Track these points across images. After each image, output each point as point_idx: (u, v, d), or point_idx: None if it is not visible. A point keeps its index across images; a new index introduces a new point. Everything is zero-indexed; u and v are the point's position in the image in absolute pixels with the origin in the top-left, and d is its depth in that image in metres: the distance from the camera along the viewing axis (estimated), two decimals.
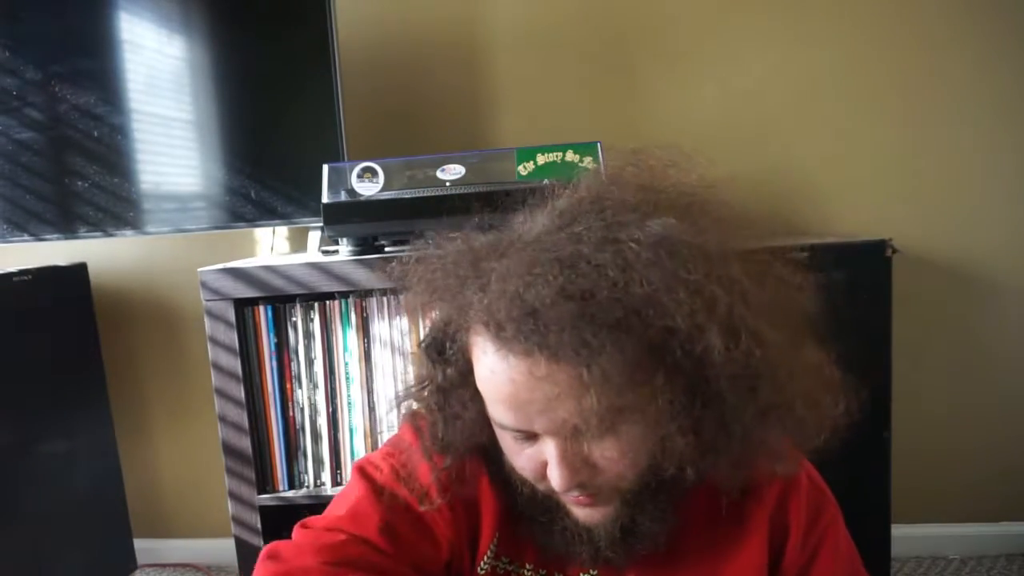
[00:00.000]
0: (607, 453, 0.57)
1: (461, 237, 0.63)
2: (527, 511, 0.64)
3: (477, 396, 0.60)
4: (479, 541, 0.69)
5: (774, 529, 0.66)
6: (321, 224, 1.30)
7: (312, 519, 0.68)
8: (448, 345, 0.61)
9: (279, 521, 1.30)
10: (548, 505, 0.63)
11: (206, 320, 1.24)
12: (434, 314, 0.64)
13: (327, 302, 1.26)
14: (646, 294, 0.52)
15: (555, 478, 0.57)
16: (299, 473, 1.30)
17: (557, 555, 0.67)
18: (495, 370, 0.55)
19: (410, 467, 0.68)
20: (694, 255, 0.54)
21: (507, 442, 0.60)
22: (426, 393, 0.65)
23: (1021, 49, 1.54)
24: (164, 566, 1.87)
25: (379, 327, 1.25)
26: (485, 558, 0.68)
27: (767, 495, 0.66)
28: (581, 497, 0.60)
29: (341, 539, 0.63)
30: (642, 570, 0.66)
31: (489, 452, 0.65)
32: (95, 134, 1.51)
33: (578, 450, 0.57)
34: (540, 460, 0.58)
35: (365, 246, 1.27)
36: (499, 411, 0.57)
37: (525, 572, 0.69)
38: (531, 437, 0.58)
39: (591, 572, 0.67)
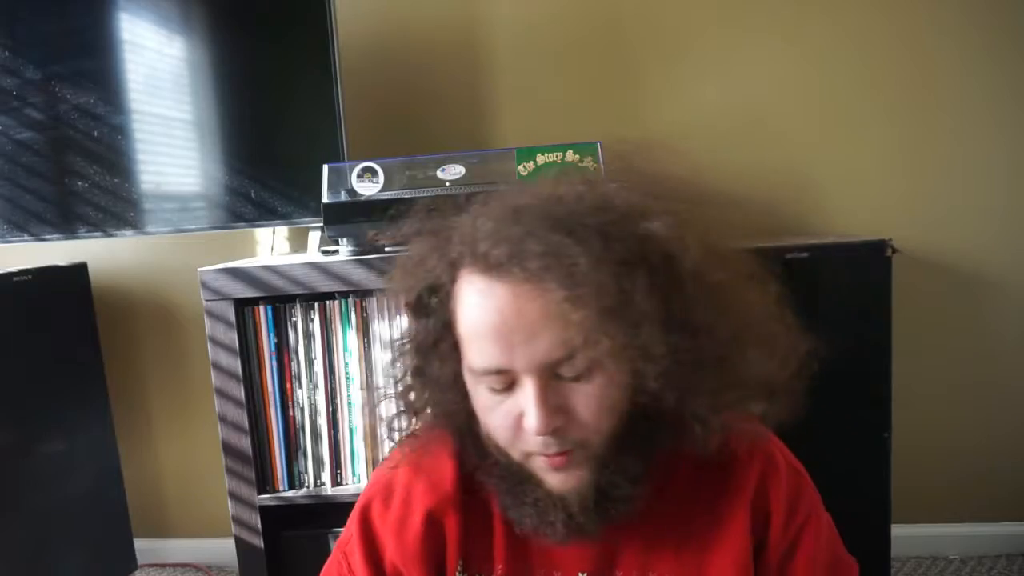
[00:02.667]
0: (583, 396, 0.58)
1: (437, 212, 0.66)
2: (500, 483, 0.64)
3: (455, 353, 0.62)
4: (445, 565, 0.69)
5: (755, 514, 0.66)
6: (321, 224, 1.30)
7: None
8: (431, 298, 0.62)
9: (279, 521, 1.30)
10: (521, 476, 0.63)
11: (206, 320, 1.24)
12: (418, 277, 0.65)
13: (327, 302, 1.26)
14: (627, 203, 0.57)
15: (531, 421, 0.57)
16: (299, 473, 1.30)
17: (528, 556, 0.67)
18: (481, 302, 0.57)
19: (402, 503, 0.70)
20: (669, 184, 0.60)
21: (483, 399, 0.61)
22: (407, 349, 0.66)
23: (1021, 49, 1.54)
24: (164, 566, 1.87)
25: (379, 327, 1.25)
26: None
27: (746, 480, 0.66)
28: (555, 457, 0.59)
29: None
30: (625, 555, 0.66)
31: (462, 431, 0.66)
32: (95, 134, 1.51)
33: (555, 391, 0.57)
34: (516, 413, 0.59)
35: (365, 246, 1.27)
36: (481, 348, 0.58)
37: None
38: (508, 388, 0.58)
39: (582, 575, 0.67)
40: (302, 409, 1.28)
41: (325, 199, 1.27)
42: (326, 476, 1.29)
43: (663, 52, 1.62)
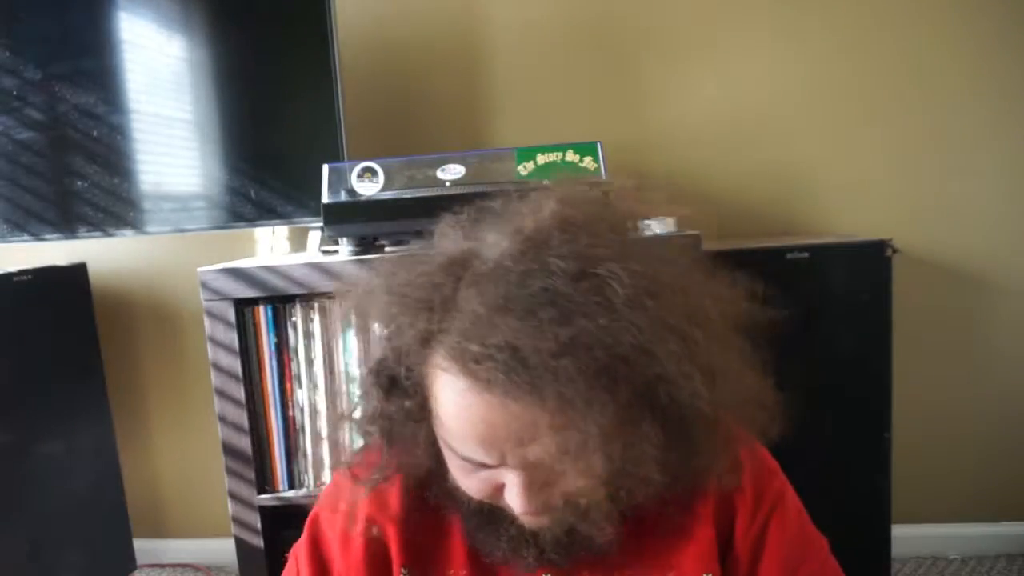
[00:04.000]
0: (570, 481, 0.56)
1: (409, 257, 0.61)
2: (469, 519, 0.64)
3: (428, 425, 0.59)
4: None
5: (720, 511, 0.66)
6: (321, 224, 1.30)
7: None
8: (403, 374, 0.58)
9: (279, 521, 1.30)
10: (492, 516, 0.62)
11: (206, 320, 1.24)
12: (381, 337, 0.61)
13: (327, 302, 1.26)
14: (636, 343, 0.51)
15: (516, 505, 0.56)
16: (299, 473, 1.30)
17: (490, 566, 0.67)
18: (468, 407, 0.53)
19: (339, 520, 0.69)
20: (673, 293, 0.54)
21: (458, 464, 0.59)
22: (375, 426, 0.62)
23: (1021, 49, 1.54)
24: (164, 566, 1.87)
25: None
26: None
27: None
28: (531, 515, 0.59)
29: None
30: (591, 568, 0.66)
31: (425, 472, 0.64)
32: (95, 134, 1.51)
33: (544, 474, 0.56)
34: (495, 484, 0.58)
35: (365, 246, 1.27)
36: (466, 446, 0.55)
37: None
38: (487, 466, 0.57)
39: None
40: (302, 409, 1.28)
41: (325, 199, 1.27)
42: (326, 476, 1.29)
43: (663, 52, 1.62)
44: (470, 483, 0.59)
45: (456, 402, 0.54)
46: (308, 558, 0.71)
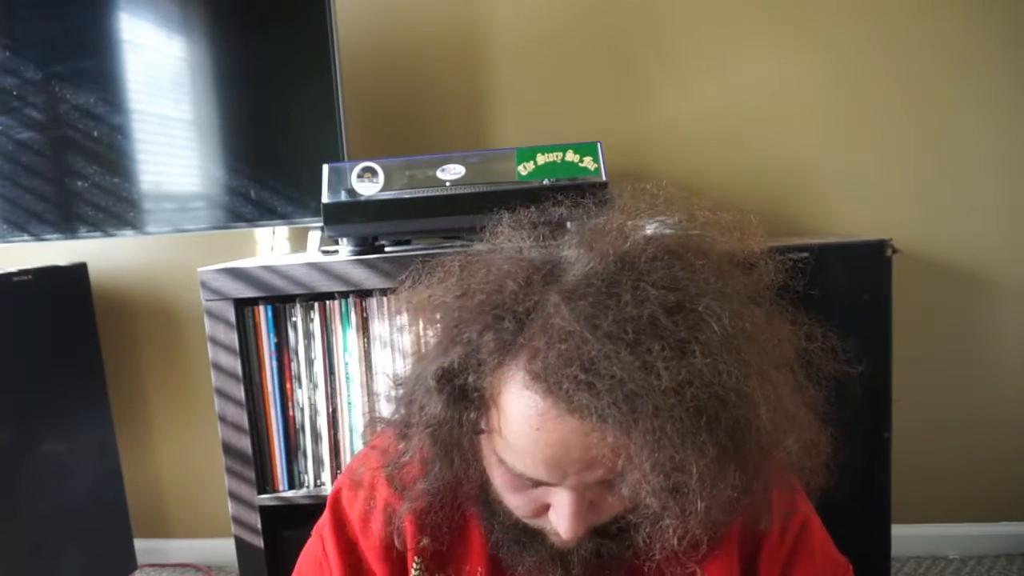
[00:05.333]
0: (613, 500, 0.56)
1: (477, 257, 0.59)
2: (500, 531, 0.64)
3: (478, 439, 0.58)
4: (407, 566, 0.69)
5: (745, 537, 0.66)
6: (321, 224, 1.30)
7: None
8: (471, 383, 0.55)
9: (279, 521, 1.30)
10: (524, 534, 0.62)
11: (206, 320, 1.24)
12: (442, 341, 0.58)
13: (327, 302, 1.26)
14: (734, 385, 0.49)
15: (564, 529, 0.55)
16: (299, 473, 1.30)
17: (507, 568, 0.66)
18: (541, 427, 0.51)
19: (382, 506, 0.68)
20: (763, 336, 0.54)
21: (506, 481, 0.58)
22: (427, 431, 0.58)
23: (1021, 49, 1.54)
24: (164, 566, 1.87)
25: (379, 327, 1.25)
26: None
27: None
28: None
29: None
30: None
31: (462, 484, 0.63)
32: (95, 134, 1.51)
33: (591, 496, 0.56)
34: (542, 503, 0.57)
35: (365, 246, 1.27)
36: (529, 465, 0.53)
37: None
38: (542, 483, 0.56)
39: None
40: (302, 409, 1.28)
41: (325, 199, 1.27)
42: (326, 476, 1.29)
43: (663, 52, 1.62)
44: (517, 501, 0.58)
45: (532, 421, 0.51)
46: (336, 544, 0.70)
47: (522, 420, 0.52)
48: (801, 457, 0.57)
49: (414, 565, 0.68)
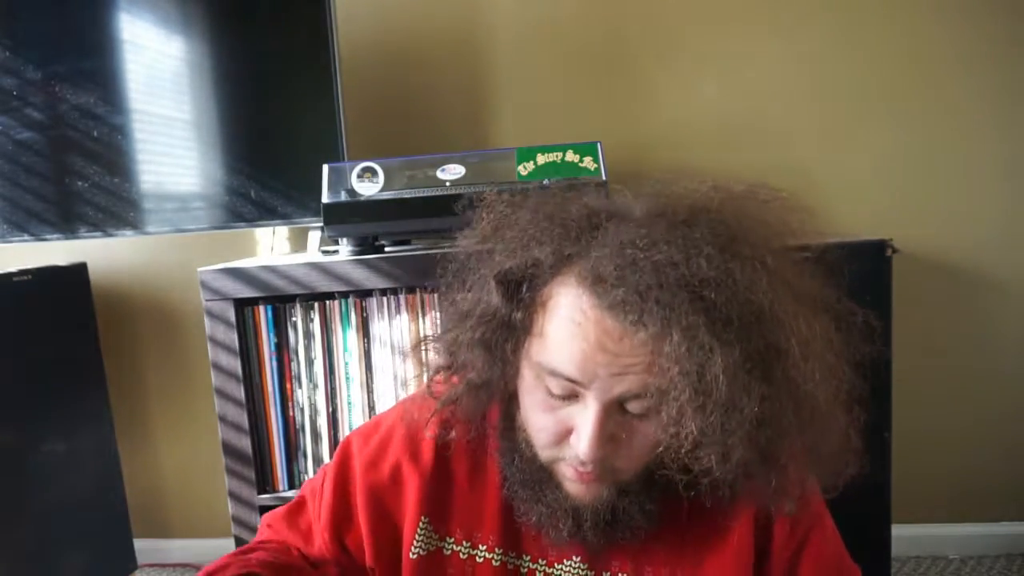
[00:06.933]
0: (636, 433, 0.57)
1: (551, 193, 0.63)
2: (517, 473, 0.64)
3: (525, 336, 0.60)
4: (399, 516, 0.70)
5: (758, 520, 0.66)
6: (321, 224, 1.30)
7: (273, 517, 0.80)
8: (525, 287, 0.59)
9: None
10: (541, 475, 0.63)
11: (206, 320, 1.24)
12: (507, 247, 0.61)
13: (327, 302, 1.26)
14: (770, 307, 0.52)
15: (582, 445, 0.56)
16: (299, 473, 1.30)
17: (520, 537, 0.67)
18: (582, 321, 0.54)
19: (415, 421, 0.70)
20: (809, 294, 0.57)
21: (537, 396, 0.60)
22: (483, 324, 0.61)
23: (1021, 49, 1.54)
24: (164, 566, 1.87)
25: (379, 327, 1.25)
26: (416, 538, 0.69)
27: None
28: (585, 472, 0.59)
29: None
30: (623, 559, 0.66)
31: (501, 412, 0.66)
32: (95, 134, 1.51)
33: (613, 420, 0.56)
34: (566, 425, 0.58)
35: (365, 246, 1.27)
36: (564, 360, 0.56)
37: (478, 553, 0.69)
38: (570, 398, 0.57)
39: (574, 559, 0.67)
40: (302, 409, 1.28)
41: (325, 199, 1.27)
42: None
43: (663, 52, 1.62)
44: (543, 421, 0.60)
45: (574, 317, 0.55)
46: (333, 483, 0.74)
47: (565, 315, 0.56)
48: (827, 459, 0.59)
49: (420, 522, 0.69)
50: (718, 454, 0.53)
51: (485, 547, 0.68)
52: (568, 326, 0.55)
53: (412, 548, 0.69)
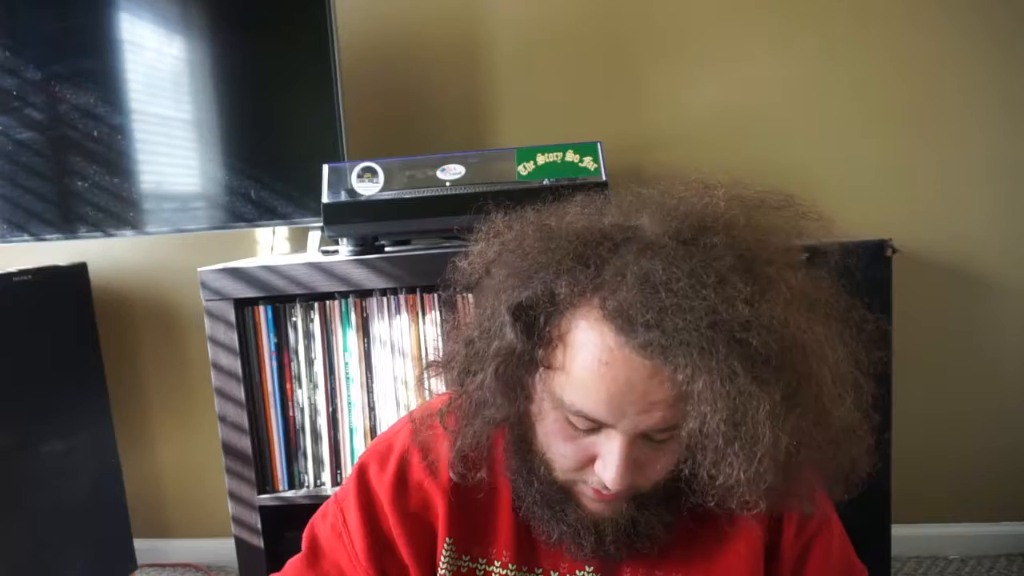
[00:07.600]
0: (659, 456, 0.57)
1: (559, 213, 0.62)
2: (535, 494, 0.64)
3: (538, 368, 0.58)
4: (435, 546, 0.69)
5: (768, 522, 0.66)
6: (321, 224, 1.30)
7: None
8: (542, 319, 0.56)
9: (279, 521, 1.30)
10: (561, 495, 0.62)
11: (206, 320, 1.24)
12: (520, 277, 0.59)
13: (327, 302, 1.26)
14: (799, 339, 0.51)
15: (609, 476, 0.56)
16: (299, 473, 1.30)
17: (534, 550, 0.67)
18: (609, 361, 0.53)
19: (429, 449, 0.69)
20: (827, 308, 0.56)
21: (556, 426, 0.58)
22: (497, 360, 0.59)
23: (1020, 49, 1.54)
24: (164, 566, 1.87)
25: (379, 327, 1.25)
26: (442, 560, 0.68)
27: None
28: (606, 492, 0.59)
29: None
30: (635, 566, 0.66)
31: (514, 434, 0.64)
32: (95, 134, 1.51)
33: (639, 450, 0.56)
34: (589, 453, 0.58)
35: (365, 246, 1.27)
36: (590, 400, 0.54)
37: (493, 570, 0.68)
38: (595, 430, 0.56)
39: (587, 569, 0.67)
40: (302, 409, 1.28)
41: (325, 199, 1.27)
42: (326, 476, 1.29)
43: (663, 52, 1.62)
44: (564, 450, 0.59)
45: (600, 356, 0.53)
46: (359, 517, 0.70)
47: (591, 355, 0.54)
48: (845, 462, 0.59)
49: (445, 544, 0.68)
50: (747, 480, 0.53)
51: (500, 563, 0.68)
52: (595, 366, 0.53)
53: (439, 570, 0.68)
